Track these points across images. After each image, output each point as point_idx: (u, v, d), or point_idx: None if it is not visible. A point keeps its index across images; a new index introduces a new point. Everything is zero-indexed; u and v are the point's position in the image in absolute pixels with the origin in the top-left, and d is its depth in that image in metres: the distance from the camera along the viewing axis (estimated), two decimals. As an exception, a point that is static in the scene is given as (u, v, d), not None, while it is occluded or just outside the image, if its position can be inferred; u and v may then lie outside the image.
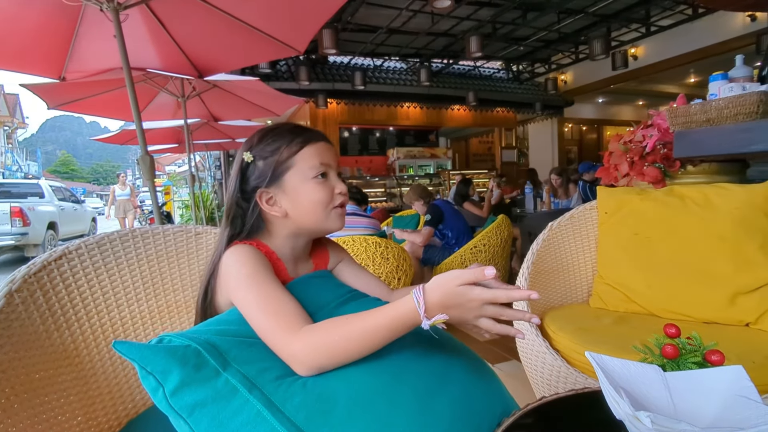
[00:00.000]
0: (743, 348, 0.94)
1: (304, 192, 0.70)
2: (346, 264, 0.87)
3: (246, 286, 0.62)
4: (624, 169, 1.63)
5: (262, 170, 0.71)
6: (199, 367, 0.52)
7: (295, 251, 0.76)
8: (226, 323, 0.62)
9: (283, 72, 7.22)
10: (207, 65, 3.39)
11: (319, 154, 0.72)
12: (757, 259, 1.10)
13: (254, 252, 0.68)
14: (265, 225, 0.74)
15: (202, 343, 0.55)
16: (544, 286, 1.39)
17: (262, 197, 0.71)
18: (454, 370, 0.64)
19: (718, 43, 5.96)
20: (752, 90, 1.22)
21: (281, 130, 0.73)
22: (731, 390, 0.43)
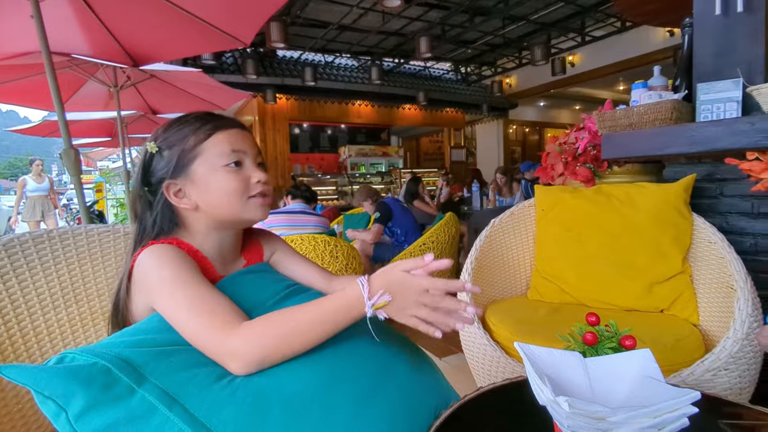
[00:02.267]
0: (657, 332, 1.04)
1: (214, 182, 0.65)
2: (283, 253, 0.82)
3: (170, 288, 0.57)
4: (559, 168, 1.73)
5: (168, 160, 0.66)
6: (108, 387, 0.48)
7: (222, 248, 0.71)
8: (142, 332, 0.57)
9: (229, 64, 6.91)
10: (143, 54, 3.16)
11: (231, 141, 0.67)
12: (669, 252, 1.22)
13: (174, 251, 0.63)
14: (180, 221, 0.69)
15: (111, 359, 0.50)
16: (486, 280, 1.45)
17: (169, 189, 0.66)
18: (394, 368, 0.63)
19: (642, 55, 6.54)
20: (667, 98, 1.35)
21: (189, 118, 0.68)
22: (640, 372, 0.47)
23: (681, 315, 1.18)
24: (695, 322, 1.15)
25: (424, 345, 2.41)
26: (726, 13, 1.28)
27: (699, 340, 1.04)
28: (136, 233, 0.68)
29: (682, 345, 0.99)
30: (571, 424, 0.39)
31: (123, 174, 4.57)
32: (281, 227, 2.36)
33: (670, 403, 0.37)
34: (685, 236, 1.23)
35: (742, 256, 1.10)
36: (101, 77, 3.56)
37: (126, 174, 4.51)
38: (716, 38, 1.31)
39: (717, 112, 1.24)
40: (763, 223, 1.26)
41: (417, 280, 0.54)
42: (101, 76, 3.56)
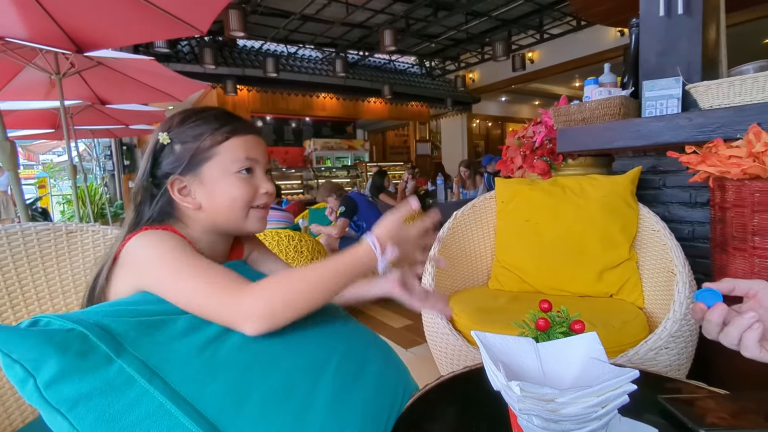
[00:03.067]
0: (606, 316, 1.10)
1: (223, 186, 0.65)
2: (261, 253, 0.82)
3: (172, 263, 0.56)
4: (518, 162, 1.79)
5: (179, 155, 0.64)
6: (85, 354, 0.45)
7: (214, 251, 0.70)
8: (125, 303, 0.54)
9: (185, 53, 6.59)
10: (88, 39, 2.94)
11: (246, 148, 0.66)
12: (618, 240, 1.29)
13: (170, 235, 0.61)
14: (176, 214, 0.67)
15: (89, 326, 0.47)
16: (449, 271, 1.48)
17: (174, 185, 0.65)
18: (370, 362, 0.64)
19: (596, 53, 6.85)
20: (616, 94, 1.42)
21: (208, 115, 0.66)
22: (587, 354, 0.49)
23: (628, 299, 1.25)
24: (641, 305, 1.23)
25: (391, 337, 2.43)
26: (668, 15, 1.36)
27: (644, 322, 1.11)
28: (132, 221, 0.66)
29: (629, 327, 1.06)
30: (522, 407, 0.40)
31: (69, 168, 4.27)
32: (243, 223, 2.29)
33: (612, 382, 0.40)
34: (631, 225, 1.31)
35: (681, 242, 1.18)
36: (41, 64, 3.28)
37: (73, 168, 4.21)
38: (660, 38, 1.39)
39: (660, 108, 1.31)
40: (699, 212, 1.36)
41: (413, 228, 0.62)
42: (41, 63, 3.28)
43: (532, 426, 0.41)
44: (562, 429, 0.40)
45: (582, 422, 0.40)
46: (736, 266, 1.04)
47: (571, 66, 7.39)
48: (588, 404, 0.39)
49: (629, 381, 0.39)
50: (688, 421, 0.53)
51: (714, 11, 1.42)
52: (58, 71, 3.37)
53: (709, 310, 0.54)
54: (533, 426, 0.41)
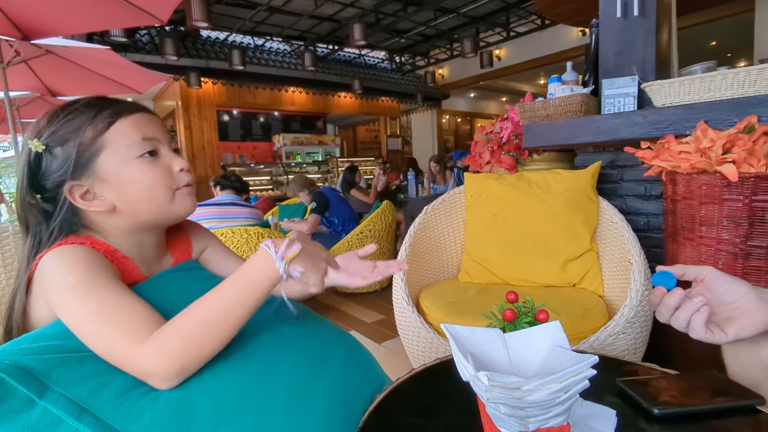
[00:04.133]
0: (570, 305, 1.15)
1: (130, 177, 0.57)
2: (214, 250, 0.77)
3: (74, 297, 0.50)
4: (486, 157, 1.83)
5: (63, 159, 0.56)
6: (2, 399, 0.42)
7: (143, 249, 0.64)
8: (46, 338, 0.50)
9: (144, 43, 6.28)
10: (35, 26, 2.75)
11: (139, 128, 0.58)
12: (580, 232, 1.35)
13: (85, 251, 0.54)
14: (86, 224, 0.60)
15: (6, 367, 0.44)
16: (420, 265, 1.49)
17: (73, 192, 0.57)
18: (330, 358, 0.63)
19: (560, 51, 7.08)
20: (577, 92, 1.48)
21: (78, 105, 0.58)
22: (551, 342, 0.51)
23: (589, 288, 1.31)
24: (601, 294, 1.29)
25: (364, 332, 2.45)
26: (625, 16, 1.42)
27: (603, 310, 1.17)
28: (30, 248, 0.58)
29: (590, 315, 1.11)
30: (489, 396, 0.41)
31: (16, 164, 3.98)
32: (211, 220, 2.23)
33: (573, 368, 0.41)
34: (592, 217, 1.37)
35: (637, 233, 1.25)
36: (-20, 51, 3.04)
37: (21, 164, 3.92)
38: (617, 39, 1.46)
39: (618, 105, 1.38)
40: (654, 204, 1.44)
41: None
42: (-20, 50, 3.04)
43: (500, 414, 0.43)
44: (527, 415, 0.42)
45: (546, 408, 0.41)
46: (685, 255, 1.11)
47: (536, 64, 7.60)
48: (551, 390, 0.40)
49: (589, 366, 0.41)
50: (643, 401, 0.56)
51: (666, 14, 1.49)
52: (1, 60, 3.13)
53: (668, 294, 0.58)
54: (500, 414, 0.43)
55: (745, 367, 0.65)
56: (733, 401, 0.56)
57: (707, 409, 0.55)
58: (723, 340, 0.57)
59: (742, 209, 0.99)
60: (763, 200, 0.96)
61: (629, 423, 0.54)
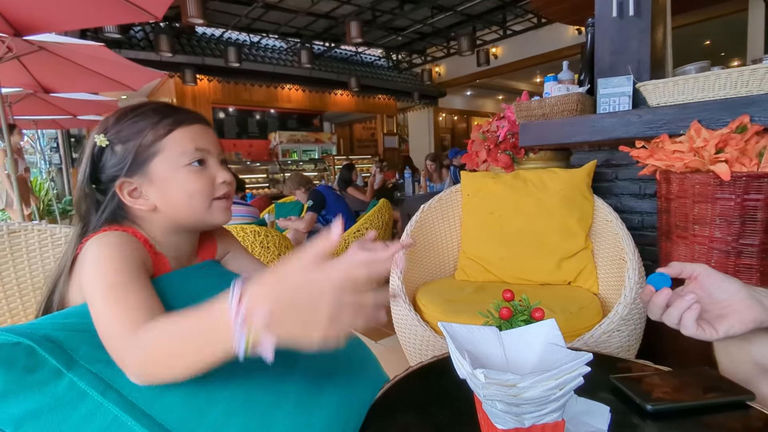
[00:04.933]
0: (565, 302, 1.16)
1: (176, 182, 0.61)
2: (235, 254, 0.80)
3: (97, 273, 0.52)
4: (483, 155, 1.83)
5: (121, 156, 0.60)
6: (31, 370, 0.43)
7: (179, 250, 0.66)
8: (77, 315, 0.51)
9: (139, 39, 6.24)
10: (27, 22, 2.73)
11: (194, 138, 0.62)
12: (575, 230, 1.36)
13: (125, 238, 0.57)
14: (130, 217, 0.63)
15: (37, 338, 0.44)
16: (417, 263, 1.50)
17: (123, 188, 0.61)
18: (340, 359, 0.64)
19: (556, 50, 7.09)
20: (573, 91, 1.48)
21: (146, 109, 0.62)
22: (546, 340, 0.52)
23: (584, 286, 1.33)
24: (595, 291, 1.30)
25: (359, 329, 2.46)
26: (621, 16, 1.43)
27: (598, 307, 1.18)
28: (79, 234, 0.61)
29: (585, 312, 1.12)
30: (486, 393, 0.42)
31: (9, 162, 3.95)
32: (206, 218, 2.22)
33: (568, 366, 0.42)
34: (587, 216, 1.38)
35: (631, 231, 1.26)
36: (-29, 47, 3.01)
37: (14, 163, 3.89)
38: (613, 38, 1.47)
39: (613, 104, 1.39)
40: (648, 203, 1.45)
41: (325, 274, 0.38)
42: (-28, 46, 3.01)
43: (496, 411, 0.43)
44: (522, 412, 0.42)
45: (541, 404, 0.42)
46: (679, 253, 1.12)
47: (532, 62, 7.62)
48: (547, 387, 0.41)
49: (584, 364, 0.42)
50: (636, 398, 0.57)
51: (661, 14, 1.50)
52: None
53: (656, 294, 0.59)
54: (497, 411, 0.43)
55: (736, 363, 0.66)
56: (724, 397, 0.57)
57: (698, 404, 0.56)
58: (714, 337, 0.58)
59: (734, 208, 1.00)
60: (755, 199, 0.98)
61: (623, 419, 0.55)
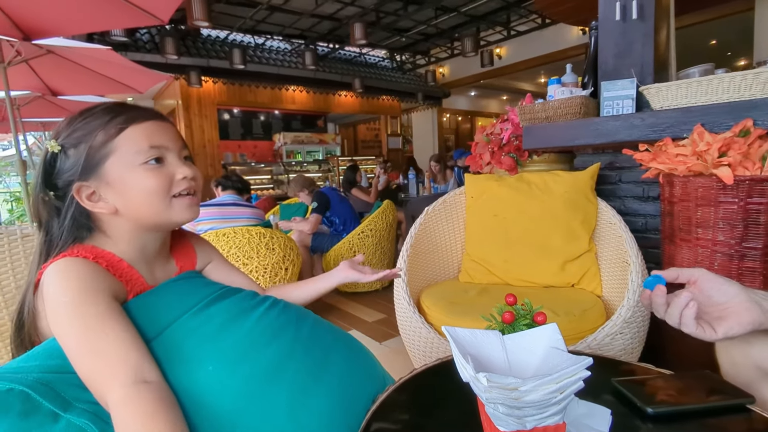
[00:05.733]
0: (568, 305, 1.16)
1: (133, 182, 0.59)
2: (216, 265, 0.80)
3: (64, 318, 0.50)
4: (486, 158, 1.84)
5: (74, 160, 0.59)
6: (27, 415, 0.44)
7: (146, 252, 0.65)
8: (58, 357, 0.50)
9: (145, 42, 6.28)
10: (36, 26, 2.76)
11: (148, 136, 0.60)
12: (579, 233, 1.36)
13: (86, 268, 0.55)
14: (96, 225, 0.62)
15: (30, 383, 0.45)
16: (421, 265, 1.51)
17: (80, 192, 0.59)
18: (333, 359, 0.65)
19: (560, 50, 7.07)
20: (577, 94, 1.49)
21: (95, 111, 0.61)
22: (548, 344, 0.53)
23: (588, 288, 1.33)
24: (599, 294, 1.31)
25: (365, 331, 2.46)
26: (624, 19, 1.44)
27: (601, 310, 1.19)
28: (42, 243, 0.60)
29: (588, 315, 1.13)
30: (488, 397, 0.43)
31: (18, 163, 4.00)
32: (212, 221, 2.24)
33: (569, 370, 0.43)
34: (591, 218, 1.38)
35: (635, 234, 1.27)
36: (-20, 51, 3.06)
37: (22, 164, 3.94)
38: (616, 41, 1.47)
39: (617, 107, 1.39)
40: (651, 206, 1.45)
41: None
42: (-20, 50, 3.05)
43: (498, 413, 0.44)
44: (524, 414, 0.43)
45: (542, 407, 0.43)
46: (682, 256, 1.13)
47: (537, 62, 7.59)
48: (548, 391, 0.42)
49: (584, 368, 0.43)
50: (638, 401, 0.58)
51: (665, 16, 1.50)
52: (2, 59, 3.14)
53: (653, 293, 0.60)
54: (499, 413, 0.44)
55: (738, 366, 0.67)
56: (725, 400, 0.58)
57: (699, 407, 0.57)
58: (713, 338, 0.59)
59: (737, 211, 1.00)
60: (758, 203, 0.98)
61: (624, 421, 0.55)
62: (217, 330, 0.57)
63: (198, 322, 0.57)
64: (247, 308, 0.62)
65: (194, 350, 0.54)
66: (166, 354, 0.53)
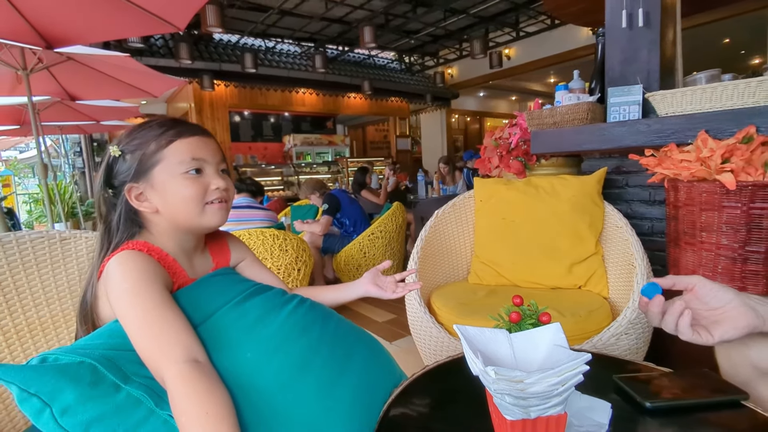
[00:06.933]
0: (575, 306, 1.20)
1: (173, 187, 0.68)
2: (249, 263, 0.87)
3: (125, 303, 0.58)
4: (495, 162, 1.88)
5: (130, 164, 0.69)
6: (95, 384, 0.50)
7: (185, 247, 0.73)
8: (118, 336, 0.58)
9: (159, 47, 6.42)
10: (58, 35, 2.87)
11: (191, 149, 0.69)
12: (586, 236, 1.40)
13: (143, 260, 0.63)
14: (142, 222, 0.71)
15: (98, 358, 0.52)
16: (431, 267, 1.56)
17: (131, 192, 0.69)
18: (355, 355, 0.71)
19: (569, 51, 7.05)
20: (584, 100, 1.52)
21: (152, 123, 0.70)
22: (552, 342, 0.57)
23: (594, 290, 1.36)
24: (605, 296, 1.34)
25: (375, 331, 2.51)
26: (630, 27, 1.47)
27: (608, 311, 1.22)
28: (103, 233, 0.70)
29: (594, 316, 1.16)
30: (496, 388, 0.48)
31: (39, 167, 4.14)
32: (227, 223, 2.31)
33: (569, 364, 0.47)
34: (598, 222, 1.42)
35: (641, 237, 1.30)
36: (5, 58, 3.18)
37: (43, 167, 4.08)
38: (622, 48, 1.50)
39: (623, 113, 1.42)
40: (657, 209, 1.48)
41: None
42: (5, 58, 3.18)
43: (505, 403, 0.49)
44: (529, 405, 0.48)
45: (545, 398, 0.48)
46: (687, 259, 1.15)
47: (546, 63, 7.57)
48: (550, 383, 0.47)
49: (583, 363, 0.47)
50: (637, 396, 0.62)
51: (671, 23, 1.53)
52: (25, 67, 3.26)
53: (650, 302, 0.64)
54: (506, 403, 0.49)
55: (736, 366, 0.70)
56: (719, 396, 0.61)
57: (695, 402, 0.61)
58: (710, 342, 0.63)
59: (741, 216, 1.03)
60: (761, 207, 1.01)
61: (623, 414, 0.60)
62: (254, 322, 0.64)
63: (237, 314, 0.64)
64: (279, 304, 0.69)
65: (235, 338, 0.61)
66: (211, 340, 0.60)
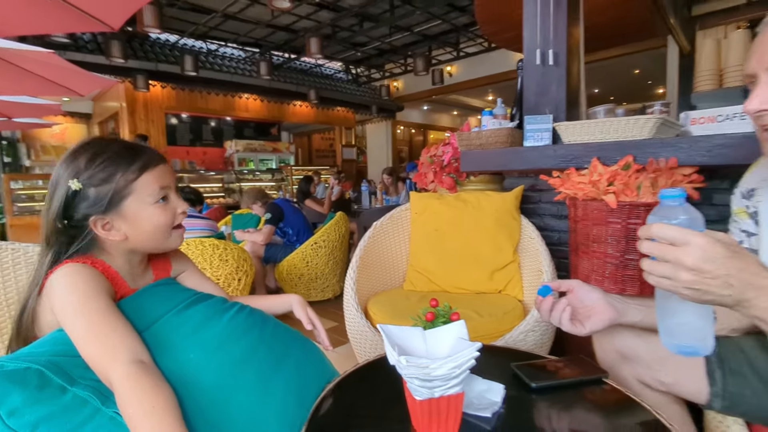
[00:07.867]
0: (493, 308, 1.36)
1: (145, 217, 0.73)
2: (190, 274, 0.91)
3: (72, 312, 0.61)
4: (430, 177, 2.04)
5: (96, 198, 0.70)
6: (42, 387, 0.54)
7: (132, 265, 0.78)
8: (63, 343, 0.60)
9: (86, 41, 5.98)
10: (-33, 25, 2.62)
11: (158, 179, 0.74)
12: (505, 246, 1.58)
13: (87, 272, 0.66)
14: (100, 245, 0.74)
15: (44, 364, 0.55)
16: (369, 275, 1.66)
17: (96, 224, 0.71)
18: (290, 354, 0.78)
19: (504, 72, 7.62)
20: (505, 126, 1.72)
21: (112, 155, 0.71)
22: (456, 335, 0.69)
23: (511, 294, 1.54)
24: (520, 299, 1.52)
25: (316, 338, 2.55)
26: (543, 64, 1.69)
27: (521, 312, 1.40)
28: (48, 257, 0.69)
29: (509, 316, 1.33)
30: (407, 373, 0.58)
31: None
32: (164, 231, 2.25)
33: (465, 353, 0.59)
34: (515, 233, 1.61)
35: (551, 247, 1.50)
36: None
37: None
38: (537, 82, 1.72)
39: (537, 139, 1.63)
40: (563, 223, 1.71)
41: None
42: None
43: (414, 386, 0.59)
44: (433, 386, 0.59)
45: (446, 380, 0.59)
46: (583, 266, 1.36)
47: (484, 81, 8.12)
48: (449, 367, 0.58)
49: (475, 350, 0.59)
50: (526, 378, 0.76)
51: (576, 61, 1.79)
52: (-73, 57, 2.92)
53: (542, 301, 0.80)
54: (415, 386, 0.59)
55: (605, 351, 0.88)
56: (586, 375, 0.77)
57: (568, 381, 0.76)
58: (582, 332, 0.79)
59: (621, 230, 1.25)
60: (635, 223, 1.23)
61: (514, 394, 0.73)
62: (196, 327, 0.69)
63: (180, 320, 0.69)
64: (220, 310, 0.74)
65: (178, 342, 0.66)
66: (155, 344, 0.64)
